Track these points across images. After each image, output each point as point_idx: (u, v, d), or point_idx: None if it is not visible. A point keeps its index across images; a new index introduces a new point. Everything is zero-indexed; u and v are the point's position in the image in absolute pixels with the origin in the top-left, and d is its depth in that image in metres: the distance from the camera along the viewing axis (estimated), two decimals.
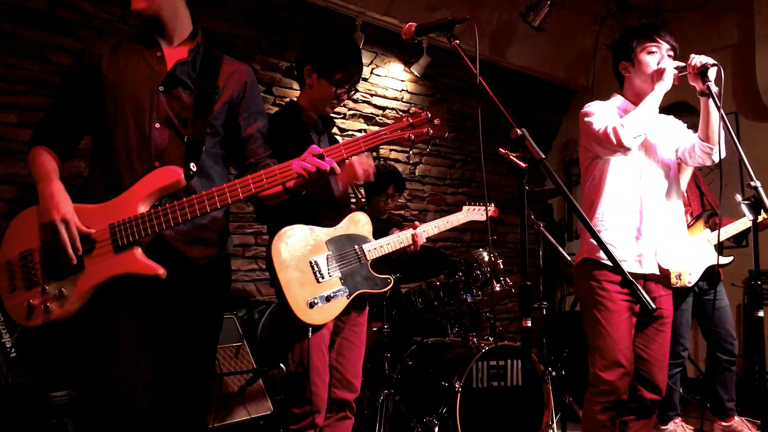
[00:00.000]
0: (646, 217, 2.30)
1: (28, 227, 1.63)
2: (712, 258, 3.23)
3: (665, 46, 2.32)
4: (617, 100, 2.42)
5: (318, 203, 2.17)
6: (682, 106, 3.39)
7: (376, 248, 2.29)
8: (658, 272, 2.31)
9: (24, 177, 2.94)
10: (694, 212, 3.43)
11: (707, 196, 3.53)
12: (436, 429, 2.88)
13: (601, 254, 2.26)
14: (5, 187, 2.94)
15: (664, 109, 3.10)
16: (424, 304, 3.46)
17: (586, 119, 2.30)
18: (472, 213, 2.89)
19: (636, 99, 2.35)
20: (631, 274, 2.18)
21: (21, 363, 2.38)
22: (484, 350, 2.99)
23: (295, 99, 2.33)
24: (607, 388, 2.22)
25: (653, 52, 2.31)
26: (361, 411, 3.19)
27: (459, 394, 2.85)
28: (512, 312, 5.40)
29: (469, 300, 3.30)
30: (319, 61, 2.18)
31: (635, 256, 2.28)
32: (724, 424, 3.49)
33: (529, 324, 1.56)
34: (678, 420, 3.49)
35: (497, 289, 3.31)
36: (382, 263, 3.13)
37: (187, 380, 1.70)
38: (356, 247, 2.22)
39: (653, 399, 2.31)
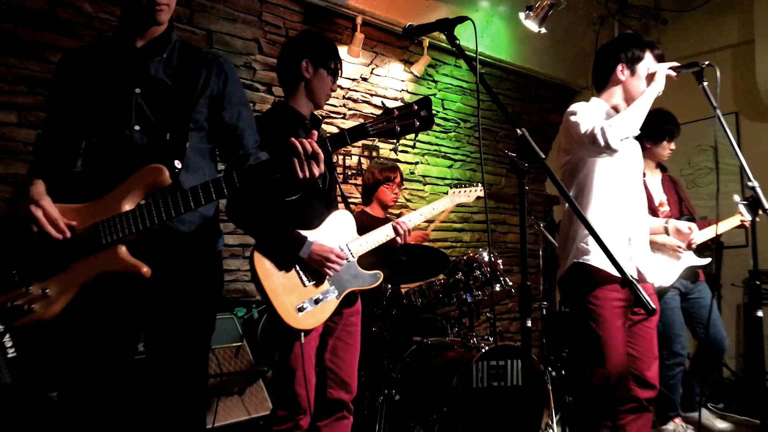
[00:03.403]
0: (627, 222, 2.31)
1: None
2: (690, 260, 3.35)
3: None
4: (600, 104, 2.39)
5: (304, 201, 2.16)
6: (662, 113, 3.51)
7: (361, 244, 2.28)
8: (636, 276, 2.33)
9: (24, 177, 2.94)
10: (673, 216, 3.50)
11: (685, 202, 3.62)
12: (436, 429, 2.87)
13: (591, 258, 2.25)
14: (5, 187, 2.94)
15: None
16: (424, 304, 3.46)
17: (572, 119, 2.27)
18: (458, 196, 2.85)
19: (622, 104, 2.35)
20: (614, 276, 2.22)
21: (20, 363, 2.38)
22: (484, 350, 2.99)
23: (278, 101, 2.33)
24: (606, 390, 2.25)
25: None
26: (361, 411, 3.19)
27: (459, 394, 2.85)
28: (512, 312, 5.40)
29: (469, 300, 3.30)
30: (315, 53, 2.23)
31: (624, 260, 2.26)
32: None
33: (529, 324, 1.56)
34: (678, 420, 3.50)
35: (497, 289, 3.31)
36: (382, 263, 3.14)
37: (175, 381, 1.68)
38: (341, 245, 2.20)
39: (648, 398, 2.32)
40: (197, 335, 1.74)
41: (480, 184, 2.91)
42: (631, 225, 2.32)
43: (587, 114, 2.26)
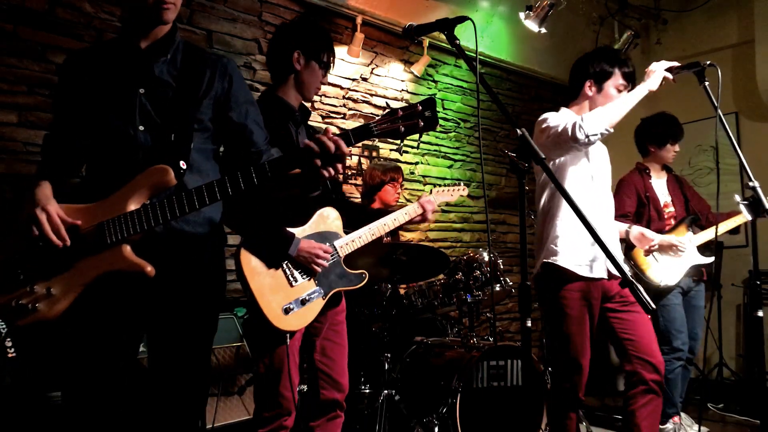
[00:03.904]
0: (597, 222, 2.33)
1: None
2: (695, 258, 3.41)
3: (630, 87, 2.41)
4: (571, 114, 2.44)
5: (291, 197, 2.12)
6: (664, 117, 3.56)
7: (348, 243, 2.24)
8: (607, 277, 2.37)
9: (24, 177, 2.94)
10: (678, 216, 3.56)
11: (691, 202, 3.66)
12: (436, 429, 2.87)
13: (559, 259, 2.34)
14: (5, 187, 2.94)
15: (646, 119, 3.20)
16: (424, 304, 3.46)
17: (543, 125, 2.34)
18: (441, 195, 2.85)
19: None
20: (584, 278, 2.32)
21: (20, 363, 2.38)
22: (484, 350, 2.99)
23: (266, 90, 2.28)
24: (569, 386, 2.36)
25: (621, 91, 2.39)
26: (361, 411, 3.19)
27: (459, 394, 2.85)
28: (512, 312, 5.40)
29: (469, 300, 3.30)
30: (308, 45, 2.19)
31: (588, 261, 2.34)
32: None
33: (529, 324, 1.56)
34: (677, 419, 3.49)
35: (497, 289, 3.31)
36: (382, 263, 3.14)
37: (177, 381, 1.68)
38: (328, 244, 2.17)
39: (654, 379, 2.33)
40: (200, 336, 1.74)
41: (462, 183, 2.92)
42: (599, 227, 2.35)
43: (558, 117, 2.34)
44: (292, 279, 2.07)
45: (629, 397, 2.37)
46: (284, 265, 2.07)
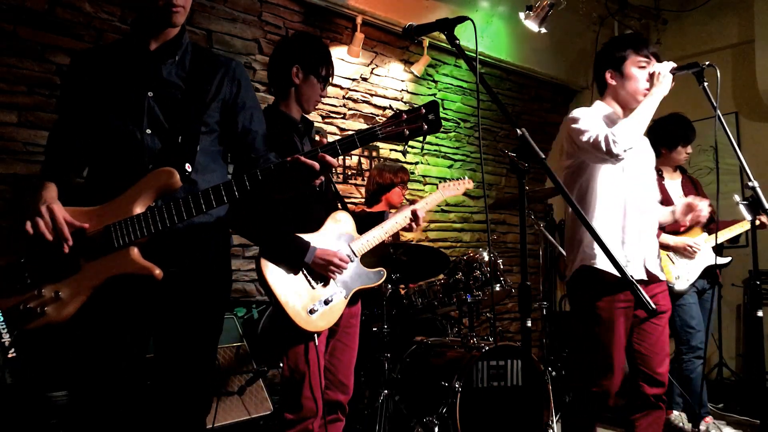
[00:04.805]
0: (632, 223, 2.30)
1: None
2: (710, 258, 3.38)
3: (653, 61, 2.33)
4: (602, 107, 2.41)
5: (303, 204, 2.17)
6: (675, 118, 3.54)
7: (363, 243, 2.28)
8: (646, 278, 2.32)
9: (24, 177, 2.94)
10: None
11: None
12: (436, 429, 2.88)
13: (597, 262, 2.26)
14: (5, 187, 2.94)
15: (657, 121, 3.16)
16: (424, 304, 3.46)
17: (573, 126, 2.28)
18: (448, 189, 2.85)
19: (620, 109, 2.37)
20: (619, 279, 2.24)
21: (20, 363, 2.38)
22: (484, 350, 2.99)
23: (270, 104, 2.32)
24: (599, 391, 2.28)
25: (643, 67, 2.32)
26: (361, 411, 3.19)
27: (459, 394, 2.85)
28: (512, 312, 5.40)
29: (469, 300, 3.30)
30: (306, 60, 2.22)
31: (624, 263, 2.23)
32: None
33: (529, 324, 1.56)
34: (709, 419, 3.47)
35: (497, 289, 3.31)
36: (382, 263, 3.14)
37: (183, 381, 1.69)
38: (343, 246, 2.20)
39: (655, 394, 2.33)
40: (206, 336, 1.75)
41: (467, 177, 2.92)
42: (638, 225, 2.31)
43: (589, 121, 2.26)
44: (313, 282, 2.10)
45: (631, 406, 2.36)
46: (303, 269, 2.10)
